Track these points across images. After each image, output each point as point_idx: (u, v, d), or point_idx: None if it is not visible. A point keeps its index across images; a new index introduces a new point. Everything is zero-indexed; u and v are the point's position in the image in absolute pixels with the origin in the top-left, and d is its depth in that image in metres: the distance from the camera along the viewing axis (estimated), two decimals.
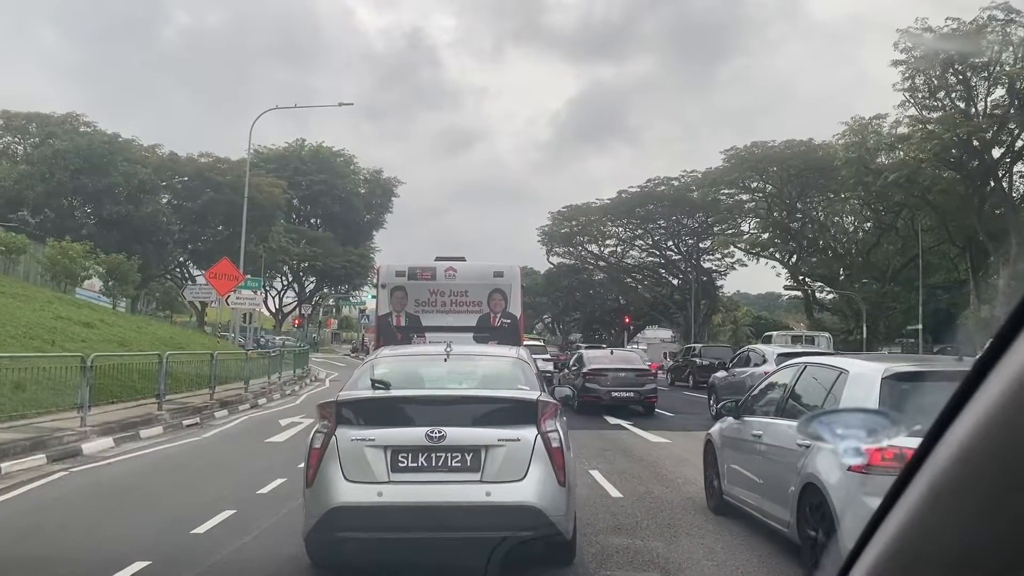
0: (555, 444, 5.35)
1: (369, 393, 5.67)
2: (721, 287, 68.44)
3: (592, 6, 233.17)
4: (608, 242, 67.74)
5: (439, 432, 5.21)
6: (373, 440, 5.25)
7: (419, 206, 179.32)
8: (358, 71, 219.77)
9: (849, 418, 1.88)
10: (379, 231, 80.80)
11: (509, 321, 13.61)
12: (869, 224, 51.73)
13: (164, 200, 46.69)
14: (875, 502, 1.93)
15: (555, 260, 71.39)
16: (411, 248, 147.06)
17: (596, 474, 10.11)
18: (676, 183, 59.21)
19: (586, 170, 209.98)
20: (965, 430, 0.98)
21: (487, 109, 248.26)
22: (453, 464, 5.23)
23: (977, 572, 1.02)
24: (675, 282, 67.57)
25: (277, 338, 56.86)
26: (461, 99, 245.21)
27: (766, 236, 55.40)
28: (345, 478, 5.19)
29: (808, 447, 5.65)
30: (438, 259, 14.24)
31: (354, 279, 77.82)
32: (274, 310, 78.51)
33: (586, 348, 29.70)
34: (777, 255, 54.79)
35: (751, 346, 23.51)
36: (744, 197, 55.88)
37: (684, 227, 62.41)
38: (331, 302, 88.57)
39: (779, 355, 15.79)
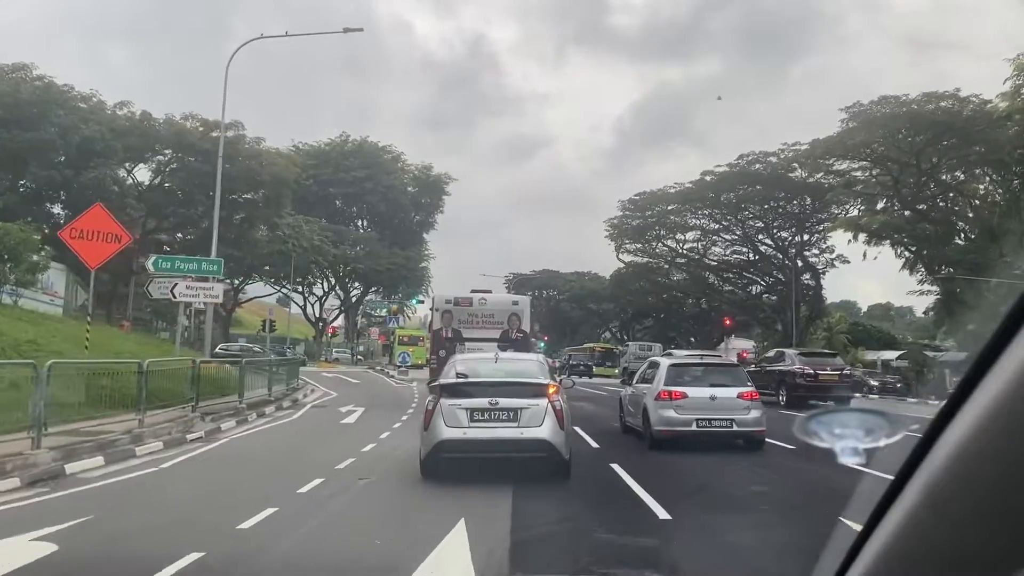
0: (558, 408, 9.80)
1: (456, 380, 10.19)
2: (823, 288, 57.69)
3: (658, 5, 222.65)
4: (688, 235, 57.55)
5: (495, 401, 9.73)
6: (460, 404, 9.71)
7: (480, 216, 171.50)
8: (419, 80, 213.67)
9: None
10: (429, 232, 72.76)
11: (522, 335, 22.09)
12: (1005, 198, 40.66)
13: (128, 167, 37.32)
14: (661, 411, 13.27)
15: (625, 258, 61.26)
16: (472, 259, 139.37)
17: None
18: (774, 159, 48.83)
19: (651, 176, 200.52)
20: (962, 431, 0.98)
21: (549, 116, 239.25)
22: (503, 418, 9.70)
23: (974, 571, 1.03)
24: (769, 281, 56.92)
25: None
26: (523, 106, 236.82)
27: (883, 218, 44.67)
28: (446, 425, 9.62)
29: (645, 394, 13.91)
30: (473, 291, 23.53)
31: (399, 284, 69.54)
32: (314, 318, 70.62)
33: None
34: (906, 239, 43.76)
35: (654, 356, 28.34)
36: (860, 175, 45.38)
37: (784, 213, 51.64)
38: (383, 312, 79.99)
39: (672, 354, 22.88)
